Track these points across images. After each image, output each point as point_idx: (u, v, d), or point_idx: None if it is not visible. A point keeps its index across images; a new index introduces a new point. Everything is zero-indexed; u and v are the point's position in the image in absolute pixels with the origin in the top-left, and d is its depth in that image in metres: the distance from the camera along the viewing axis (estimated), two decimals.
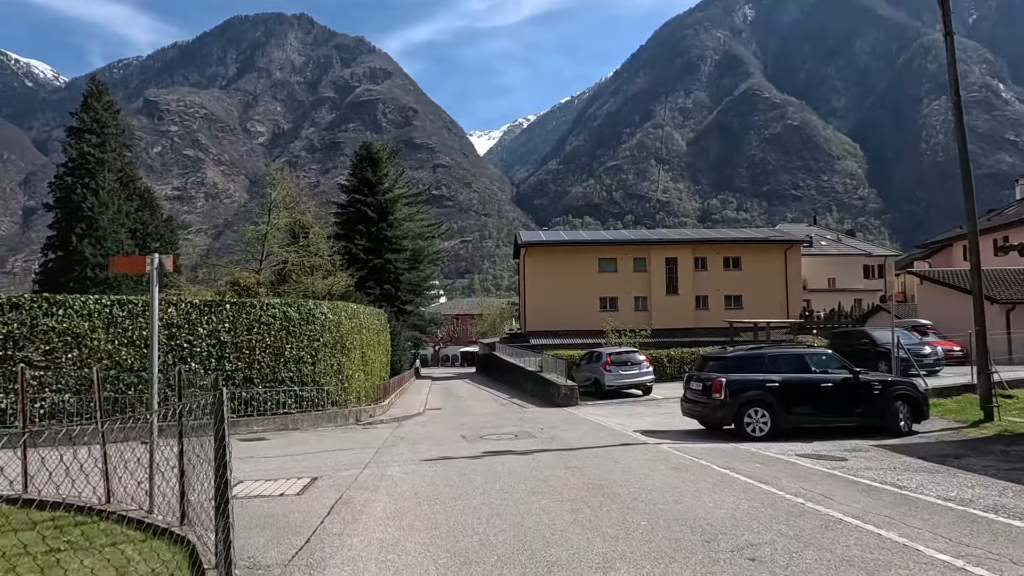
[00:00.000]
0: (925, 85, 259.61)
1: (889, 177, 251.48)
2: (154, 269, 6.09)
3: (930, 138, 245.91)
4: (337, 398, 15.93)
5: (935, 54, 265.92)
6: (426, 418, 17.15)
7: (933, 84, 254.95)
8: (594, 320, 43.88)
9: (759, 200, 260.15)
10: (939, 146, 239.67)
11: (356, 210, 42.14)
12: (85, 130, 35.41)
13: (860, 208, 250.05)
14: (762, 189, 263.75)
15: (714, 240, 47.93)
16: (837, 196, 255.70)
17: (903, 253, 58.84)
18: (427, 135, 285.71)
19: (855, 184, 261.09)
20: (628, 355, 20.01)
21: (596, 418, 15.05)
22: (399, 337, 29.76)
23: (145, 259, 6.12)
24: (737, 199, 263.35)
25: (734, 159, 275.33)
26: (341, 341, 16.67)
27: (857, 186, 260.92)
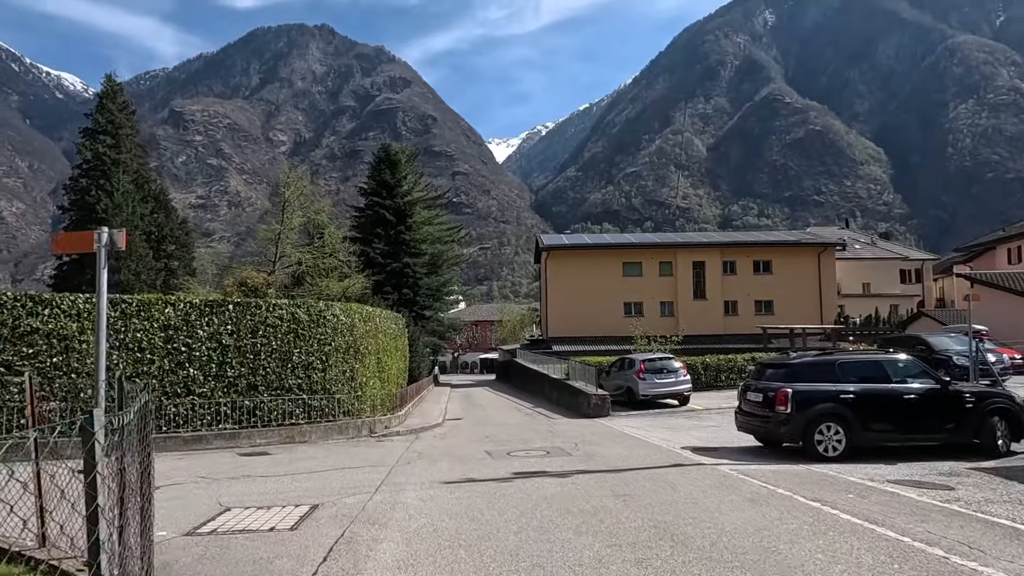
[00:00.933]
0: (951, 88, 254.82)
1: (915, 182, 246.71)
2: (102, 247, 4.82)
3: (957, 142, 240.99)
4: (349, 407, 14.65)
5: (961, 57, 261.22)
6: (446, 429, 15.80)
7: (960, 87, 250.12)
8: (618, 326, 42.31)
9: (781, 206, 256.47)
10: (966, 150, 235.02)
11: (374, 213, 41.13)
12: (100, 131, 34.84)
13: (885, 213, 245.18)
14: (784, 195, 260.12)
15: (743, 243, 46.12)
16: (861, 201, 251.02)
17: (940, 256, 56.41)
18: (446, 143, 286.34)
19: (879, 189, 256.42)
20: (664, 362, 18.49)
21: (634, 432, 13.58)
22: (417, 342, 28.52)
23: (92, 235, 4.86)
24: (758, 205, 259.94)
25: (755, 165, 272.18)
26: (354, 346, 15.41)
27: (882, 191, 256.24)
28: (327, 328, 14.51)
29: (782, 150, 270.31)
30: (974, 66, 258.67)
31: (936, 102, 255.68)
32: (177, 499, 7.38)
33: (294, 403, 13.41)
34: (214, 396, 12.37)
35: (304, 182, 27.40)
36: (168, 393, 11.94)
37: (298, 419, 13.40)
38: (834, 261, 44.81)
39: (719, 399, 19.62)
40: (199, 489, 7.98)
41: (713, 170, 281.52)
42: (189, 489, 7.98)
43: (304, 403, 13.60)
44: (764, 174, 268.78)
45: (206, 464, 9.95)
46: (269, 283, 20.15)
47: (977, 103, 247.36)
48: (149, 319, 12.00)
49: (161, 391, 11.87)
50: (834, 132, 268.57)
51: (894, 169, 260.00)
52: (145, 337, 11.88)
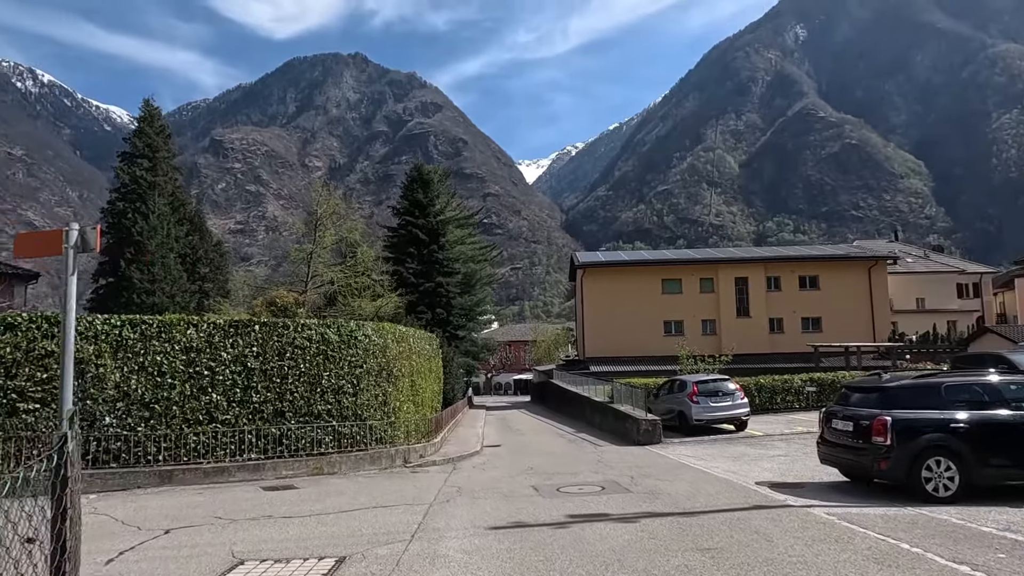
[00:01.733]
0: (993, 98, 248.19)
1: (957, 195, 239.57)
2: (70, 248, 3.90)
3: (1001, 153, 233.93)
4: (382, 434, 13.64)
5: (1003, 66, 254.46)
6: (485, 458, 14.65)
7: (1002, 97, 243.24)
8: (659, 345, 40.78)
9: (817, 222, 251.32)
10: (1011, 161, 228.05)
11: (407, 232, 40.65)
12: (137, 155, 35.13)
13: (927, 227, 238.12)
14: (820, 210, 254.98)
15: (788, 258, 44.27)
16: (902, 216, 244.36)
17: (998, 269, 53.39)
18: (477, 165, 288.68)
19: (921, 203, 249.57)
20: (718, 384, 17.09)
21: (694, 462, 12.24)
22: (452, 363, 27.52)
23: (60, 234, 3.95)
24: (794, 221, 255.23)
25: (789, 180, 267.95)
26: (387, 368, 14.45)
27: (923, 205, 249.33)
28: (358, 349, 13.59)
29: (817, 165, 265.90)
30: (1017, 75, 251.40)
31: (978, 112, 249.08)
32: (186, 548, 6.41)
33: (323, 431, 12.46)
34: (238, 423, 11.50)
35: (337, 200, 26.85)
36: (189, 420, 11.10)
37: (327, 448, 12.43)
38: (886, 275, 42.65)
39: (778, 423, 18.10)
40: (213, 534, 7.01)
41: (746, 186, 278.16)
42: (202, 535, 7.01)
43: (334, 430, 12.64)
44: (799, 189, 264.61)
45: (226, 501, 9.01)
46: (299, 303, 19.46)
47: (1022, 112, 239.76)
48: (170, 341, 11.24)
49: (182, 418, 11.04)
50: (871, 145, 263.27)
51: (935, 182, 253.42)
52: (165, 360, 11.10)
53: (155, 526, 7.33)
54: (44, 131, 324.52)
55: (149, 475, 10.37)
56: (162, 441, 10.76)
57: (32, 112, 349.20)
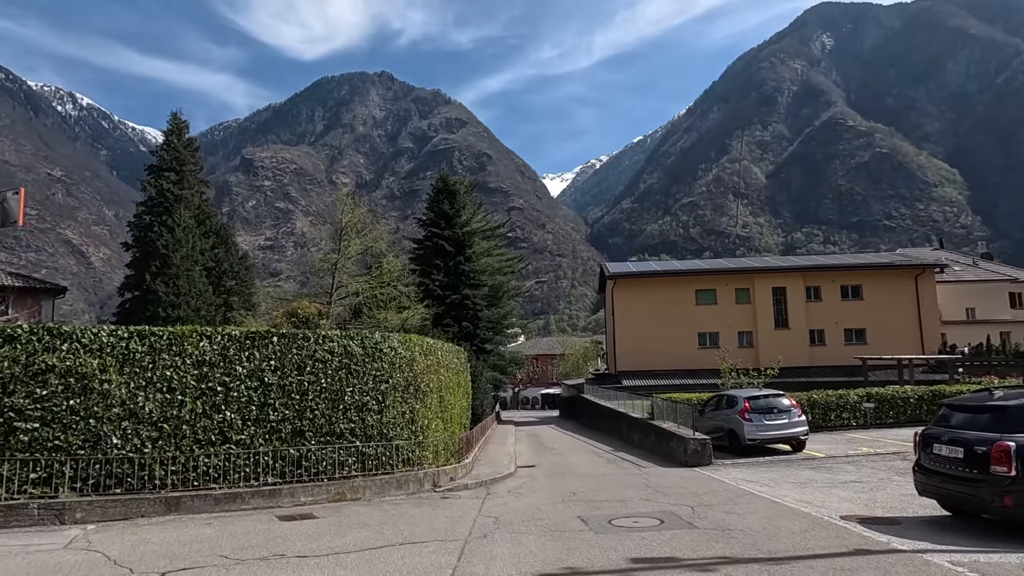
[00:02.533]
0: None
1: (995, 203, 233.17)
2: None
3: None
4: (409, 455, 12.56)
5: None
6: (520, 481, 13.47)
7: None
8: (693, 358, 39.28)
9: (848, 232, 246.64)
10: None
11: (433, 244, 39.91)
12: (164, 168, 34.97)
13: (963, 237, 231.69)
14: (851, 221, 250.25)
15: (828, 267, 42.45)
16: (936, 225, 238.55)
17: None
18: (501, 179, 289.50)
19: (956, 212, 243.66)
20: (772, 400, 15.68)
21: (756, 488, 10.91)
22: (480, 378, 26.44)
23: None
24: (823, 232, 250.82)
25: (818, 190, 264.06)
26: (415, 382, 13.40)
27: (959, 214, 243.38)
28: (384, 363, 12.58)
29: (847, 175, 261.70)
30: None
31: (1015, 119, 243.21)
32: None
33: (346, 452, 11.42)
34: (253, 444, 10.52)
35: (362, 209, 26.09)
36: (201, 441, 10.15)
37: (351, 471, 11.37)
38: (934, 284, 40.57)
39: (837, 443, 16.59)
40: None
41: (774, 197, 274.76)
42: None
43: (358, 451, 11.60)
44: (828, 200, 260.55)
45: (236, 534, 7.98)
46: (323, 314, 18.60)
47: None
48: (181, 354, 10.33)
49: (193, 438, 10.10)
50: (903, 154, 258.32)
51: (971, 191, 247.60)
52: (176, 375, 10.18)
53: (150, 567, 6.32)
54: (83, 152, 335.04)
55: (155, 502, 9.39)
56: (170, 464, 9.81)
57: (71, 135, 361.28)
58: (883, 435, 18.01)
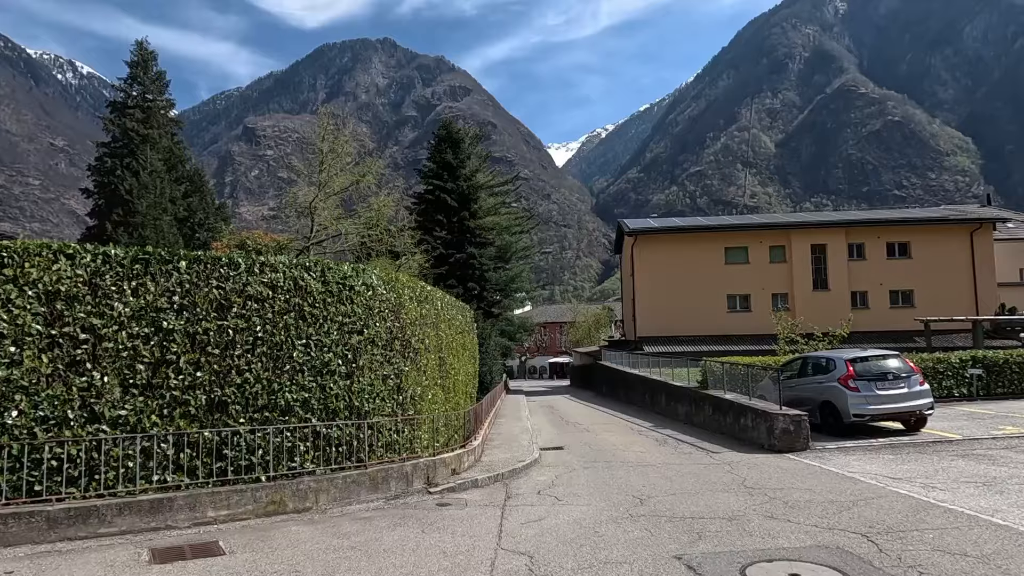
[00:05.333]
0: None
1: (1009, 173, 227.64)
2: None
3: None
4: (393, 438, 8.73)
5: None
6: (551, 473, 9.62)
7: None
8: (722, 323, 35.46)
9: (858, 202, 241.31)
10: None
11: (435, 197, 35.93)
12: (129, 105, 30.71)
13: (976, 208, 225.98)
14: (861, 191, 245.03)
15: (874, 221, 38.16)
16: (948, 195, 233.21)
17: None
18: (506, 148, 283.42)
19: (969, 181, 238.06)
20: (885, 362, 11.72)
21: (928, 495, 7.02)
22: (489, 341, 22.63)
23: None
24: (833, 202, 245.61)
25: (828, 160, 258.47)
26: (402, 336, 9.53)
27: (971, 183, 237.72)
28: (357, 306, 8.66)
29: (858, 143, 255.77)
30: None
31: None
32: None
33: (295, 434, 7.57)
34: (141, 423, 6.67)
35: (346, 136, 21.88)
36: (50, 419, 6.29)
37: (302, 463, 7.54)
38: (991, 241, 36.40)
39: (958, 419, 12.70)
40: None
41: (783, 167, 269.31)
42: None
43: (314, 434, 7.75)
44: (839, 169, 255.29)
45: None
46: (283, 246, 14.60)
47: None
48: (19, 282, 6.42)
49: (33, 416, 6.23)
50: (915, 122, 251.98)
51: (984, 160, 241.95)
52: (8, 314, 6.29)
53: None
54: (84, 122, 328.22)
55: None
56: None
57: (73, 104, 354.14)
58: (1005, 409, 14.14)
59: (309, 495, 7.15)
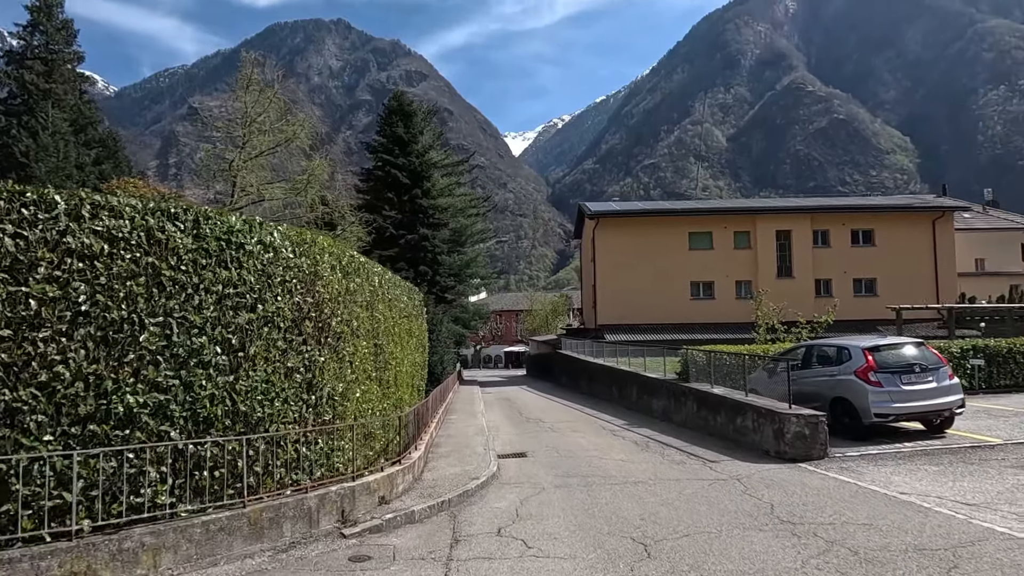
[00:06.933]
0: (981, 75, 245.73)
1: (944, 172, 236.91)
2: None
3: (987, 130, 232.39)
4: (299, 455, 6.35)
5: (991, 42, 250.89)
6: (512, 498, 7.37)
7: (990, 73, 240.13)
8: (685, 311, 34.06)
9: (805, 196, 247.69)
10: (997, 138, 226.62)
11: (385, 173, 33.17)
12: (28, 56, 26.79)
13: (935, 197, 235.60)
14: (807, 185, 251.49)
15: (839, 208, 37.41)
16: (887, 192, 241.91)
17: None
18: (462, 136, 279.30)
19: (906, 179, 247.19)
20: (909, 351, 9.93)
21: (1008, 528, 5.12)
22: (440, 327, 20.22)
23: None
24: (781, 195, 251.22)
25: (777, 155, 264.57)
26: (318, 315, 7.11)
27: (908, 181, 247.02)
28: (247, 271, 6.19)
29: (805, 140, 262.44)
30: (1006, 51, 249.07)
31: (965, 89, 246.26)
32: None
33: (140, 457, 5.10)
34: None
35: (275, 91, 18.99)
36: None
37: (153, 498, 5.09)
38: (952, 230, 36.07)
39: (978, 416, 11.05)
40: None
41: (734, 161, 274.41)
42: None
43: (174, 455, 5.30)
44: (787, 164, 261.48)
45: None
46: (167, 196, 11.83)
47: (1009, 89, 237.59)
48: None
49: None
50: (859, 121, 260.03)
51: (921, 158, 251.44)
52: None
53: None
54: None
55: None
56: None
57: None
58: (1018, 404, 12.66)
59: (142, 557, 4.67)
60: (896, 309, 26.74)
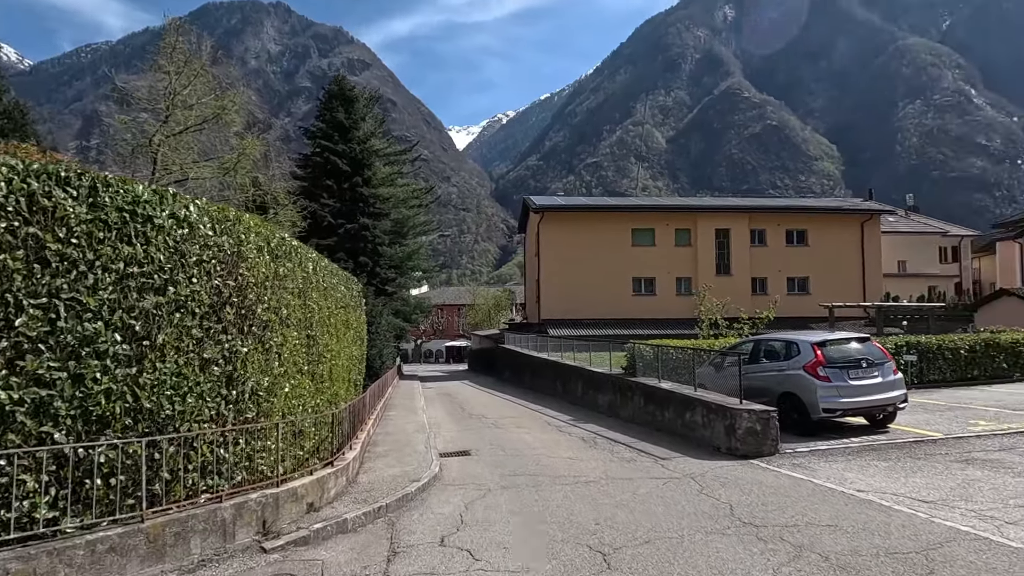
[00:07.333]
0: (900, 89, 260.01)
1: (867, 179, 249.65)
2: None
3: (904, 141, 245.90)
4: (219, 458, 5.60)
5: (909, 58, 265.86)
6: (457, 502, 6.81)
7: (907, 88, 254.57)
8: (627, 306, 34.27)
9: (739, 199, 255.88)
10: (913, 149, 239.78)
11: (324, 160, 31.88)
12: None
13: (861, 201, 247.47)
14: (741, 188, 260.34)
15: (775, 208, 38.51)
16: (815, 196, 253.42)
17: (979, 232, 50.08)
18: (406, 128, 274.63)
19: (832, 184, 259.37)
20: (856, 347, 9.93)
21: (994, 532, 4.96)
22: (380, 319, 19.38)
23: None
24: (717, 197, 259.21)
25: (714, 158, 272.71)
26: (241, 301, 6.34)
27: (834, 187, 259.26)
28: (155, 248, 5.38)
29: (740, 144, 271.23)
30: (922, 68, 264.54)
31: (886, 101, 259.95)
32: None
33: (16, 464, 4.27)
34: None
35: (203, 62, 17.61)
36: None
37: (29, 513, 4.27)
38: (879, 232, 37.68)
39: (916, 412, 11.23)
40: None
41: (673, 162, 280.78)
42: None
43: (54, 460, 4.49)
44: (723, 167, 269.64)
45: None
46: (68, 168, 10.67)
47: (924, 104, 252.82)
48: None
49: None
50: (790, 128, 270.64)
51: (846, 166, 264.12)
52: None
53: None
54: None
55: None
56: None
57: None
58: (949, 398, 13.02)
59: None
60: (829, 307, 27.61)
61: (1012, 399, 12.53)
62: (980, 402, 12.21)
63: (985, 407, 11.63)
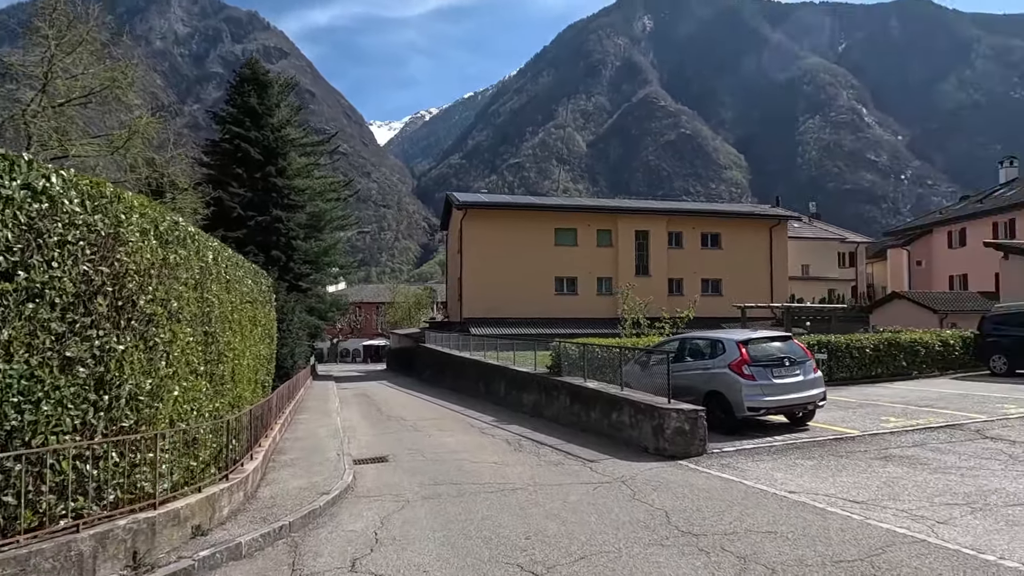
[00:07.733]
0: (801, 104, 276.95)
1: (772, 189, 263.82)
2: None
3: (805, 154, 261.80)
4: (84, 475, 4.70)
5: (810, 77, 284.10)
6: (371, 517, 6.13)
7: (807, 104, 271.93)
8: (549, 305, 34.33)
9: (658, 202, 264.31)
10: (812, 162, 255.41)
11: (235, 147, 29.98)
12: None
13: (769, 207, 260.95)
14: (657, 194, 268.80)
15: (692, 212, 39.81)
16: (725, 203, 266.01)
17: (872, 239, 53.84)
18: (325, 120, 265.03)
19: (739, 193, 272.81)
20: (779, 345, 10.01)
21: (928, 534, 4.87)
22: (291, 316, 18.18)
23: None
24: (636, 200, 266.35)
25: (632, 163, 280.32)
26: (117, 290, 5.41)
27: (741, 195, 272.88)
28: (2, 224, 4.45)
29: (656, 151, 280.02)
30: (820, 86, 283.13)
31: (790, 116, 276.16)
32: None
33: None
34: None
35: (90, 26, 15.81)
36: None
37: None
38: (786, 237, 39.66)
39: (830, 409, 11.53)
40: None
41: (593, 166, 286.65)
42: None
43: None
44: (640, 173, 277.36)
45: None
46: None
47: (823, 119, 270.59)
48: None
49: None
50: (702, 137, 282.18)
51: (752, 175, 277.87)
52: None
53: None
54: None
55: None
56: None
57: None
58: (858, 395, 13.53)
59: None
60: (742, 307, 28.66)
61: (914, 395, 13.19)
62: (887, 399, 12.76)
63: (892, 404, 12.13)
